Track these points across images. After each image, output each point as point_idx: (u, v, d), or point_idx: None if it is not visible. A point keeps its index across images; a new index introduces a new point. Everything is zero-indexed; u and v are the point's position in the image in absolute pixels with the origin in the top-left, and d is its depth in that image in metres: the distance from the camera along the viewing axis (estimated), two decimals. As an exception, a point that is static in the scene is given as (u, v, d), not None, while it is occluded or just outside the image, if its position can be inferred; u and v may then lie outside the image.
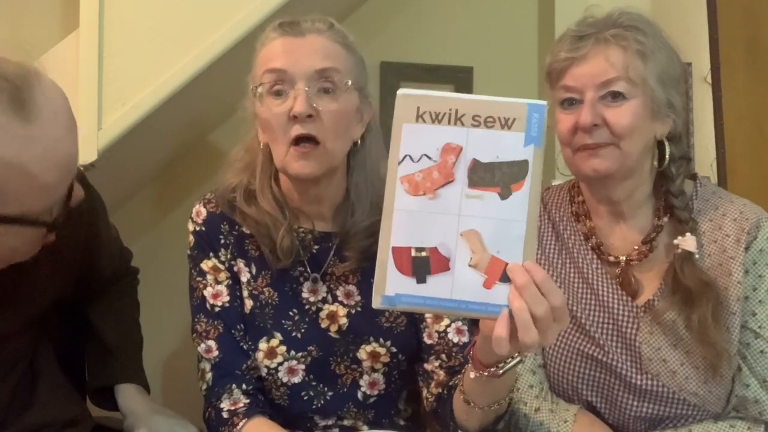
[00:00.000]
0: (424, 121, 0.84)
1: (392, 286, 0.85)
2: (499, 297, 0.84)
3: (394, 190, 0.84)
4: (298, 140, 1.11)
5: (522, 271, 0.82)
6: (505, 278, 0.84)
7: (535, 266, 0.83)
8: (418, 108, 0.84)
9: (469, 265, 0.84)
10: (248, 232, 1.22)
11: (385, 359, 1.21)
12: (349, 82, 1.14)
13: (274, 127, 1.12)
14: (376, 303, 0.85)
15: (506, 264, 0.83)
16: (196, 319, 1.22)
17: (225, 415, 1.16)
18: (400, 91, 0.85)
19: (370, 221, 1.18)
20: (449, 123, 0.84)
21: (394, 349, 1.21)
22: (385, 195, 0.84)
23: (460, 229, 0.84)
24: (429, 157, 0.84)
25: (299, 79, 1.11)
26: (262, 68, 1.13)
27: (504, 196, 0.83)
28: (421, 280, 0.84)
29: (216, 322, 1.20)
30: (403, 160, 0.84)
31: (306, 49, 1.12)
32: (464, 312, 0.86)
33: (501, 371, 0.95)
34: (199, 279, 1.22)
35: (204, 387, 1.20)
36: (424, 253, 0.84)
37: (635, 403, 1.18)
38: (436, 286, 0.84)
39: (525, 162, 0.83)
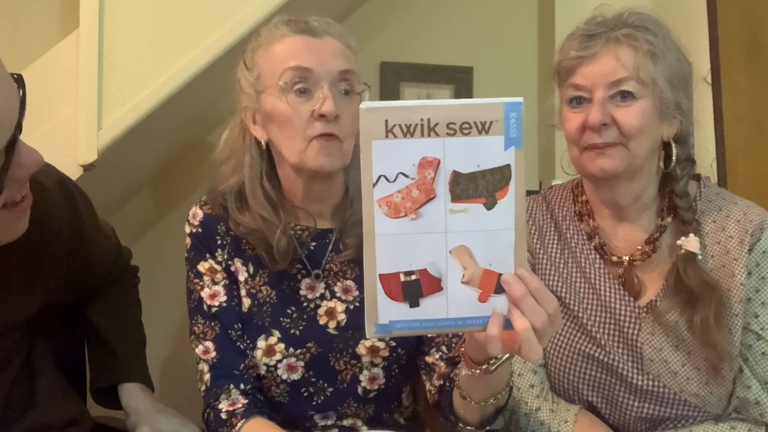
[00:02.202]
0: (395, 136, 0.77)
1: (385, 314, 0.81)
2: (496, 308, 0.82)
3: (373, 215, 0.79)
4: (321, 135, 1.13)
5: (517, 281, 0.81)
6: (500, 289, 0.81)
7: (529, 275, 0.82)
8: (387, 121, 0.77)
9: (462, 282, 0.81)
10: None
11: (385, 353, 1.21)
12: (362, 85, 1.17)
13: (293, 123, 1.13)
14: (371, 333, 0.82)
15: (499, 275, 0.81)
16: (193, 321, 1.22)
17: (223, 415, 1.16)
18: (364, 105, 0.77)
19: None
20: (423, 134, 0.77)
21: (393, 344, 1.21)
22: (363, 220, 0.80)
23: (449, 247, 0.80)
24: (406, 175, 0.78)
25: (324, 80, 1.13)
26: (283, 65, 1.13)
27: (489, 206, 0.80)
28: (414, 304, 0.81)
29: (213, 323, 1.21)
30: (377, 181, 0.78)
31: (328, 51, 1.15)
32: (462, 328, 0.84)
33: (492, 368, 0.95)
34: (196, 281, 1.22)
35: (203, 388, 1.21)
36: (413, 277, 0.80)
37: (636, 404, 1.18)
38: (431, 308, 0.81)
39: (507, 167, 0.79)
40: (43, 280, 1.13)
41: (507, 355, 0.94)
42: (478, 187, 0.79)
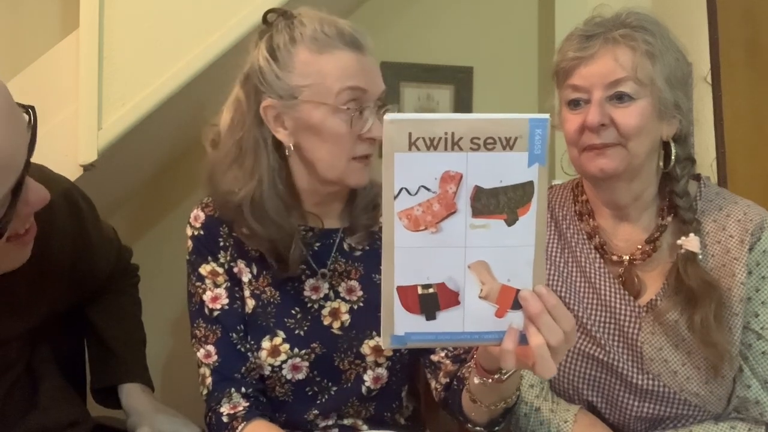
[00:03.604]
0: (418, 149, 0.76)
1: (401, 325, 0.81)
2: (512, 324, 0.82)
3: (393, 227, 0.78)
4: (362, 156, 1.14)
5: (535, 298, 0.81)
6: (517, 305, 0.81)
7: (547, 292, 0.82)
8: (410, 134, 0.76)
9: (480, 297, 0.81)
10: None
11: (389, 353, 1.21)
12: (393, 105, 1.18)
13: (343, 143, 1.12)
14: (386, 344, 0.82)
15: (517, 291, 0.81)
16: (195, 325, 1.22)
17: (225, 419, 1.16)
18: (388, 117, 0.76)
19: (368, 199, 1.23)
20: (446, 148, 0.76)
21: None
22: (383, 231, 0.79)
23: (467, 262, 0.80)
24: (427, 189, 0.78)
25: (373, 101, 1.14)
26: (340, 84, 1.11)
27: (510, 222, 0.79)
28: (430, 317, 0.81)
29: (214, 327, 1.20)
30: (399, 194, 0.78)
31: (374, 70, 1.16)
32: (478, 342, 0.84)
33: (505, 377, 0.95)
34: (198, 284, 1.22)
35: (204, 392, 1.21)
36: (431, 290, 0.80)
37: (636, 403, 1.18)
38: (447, 322, 0.81)
39: (530, 183, 0.78)
40: (47, 291, 1.13)
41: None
42: (500, 203, 0.79)
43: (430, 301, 0.81)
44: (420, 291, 0.80)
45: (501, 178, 0.78)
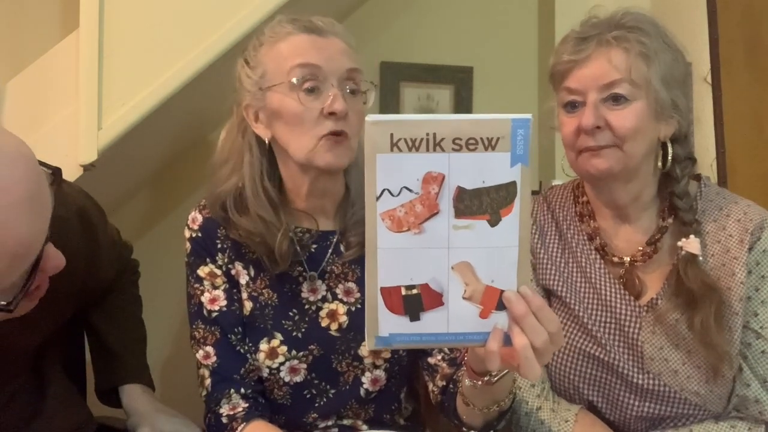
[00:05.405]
0: (400, 150, 0.77)
1: (385, 326, 0.82)
2: (497, 324, 0.82)
3: (375, 228, 0.79)
4: (331, 134, 1.13)
5: (519, 299, 0.81)
6: (502, 306, 0.81)
7: (532, 293, 0.82)
8: (392, 135, 0.76)
9: (464, 298, 0.81)
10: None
11: (386, 355, 1.21)
12: (367, 84, 1.18)
13: (303, 121, 1.12)
14: (371, 345, 0.83)
15: (501, 292, 0.81)
16: (194, 326, 1.22)
17: (224, 420, 1.17)
18: (369, 118, 0.77)
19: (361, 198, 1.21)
20: (428, 149, 0.77)
21: None
22: (365, 232, 0.79)
23: (451, 263, 0.80)
24: (410, 190, 0.78)
25: (333, 78, 1.13)
26: (291, 62, 1.13)
27: (493, 222, 0.79)
28: (414, 317, 0.81)
29: (213, 328, 1.21)
30: (381, 195, 0.78)
31: (334, 49, 1.15)
32: (462, 343, 0.84)
33: (494, 380, 0.96)
34: (196, 286, 1.22)
35: (204, 393, 1.21)
36: (415, 291, 0.80)
37: (636, 403, 1.18)
38: (431, 322, 0.81)
39: (513, 184, 0.78)
40: (57, 308, 1.12)
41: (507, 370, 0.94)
42: (483, 204, 0.79)
43: (414, 302, 0.81)
44: (404, 292, 0.81)
45: (483, 179, 0.78)
